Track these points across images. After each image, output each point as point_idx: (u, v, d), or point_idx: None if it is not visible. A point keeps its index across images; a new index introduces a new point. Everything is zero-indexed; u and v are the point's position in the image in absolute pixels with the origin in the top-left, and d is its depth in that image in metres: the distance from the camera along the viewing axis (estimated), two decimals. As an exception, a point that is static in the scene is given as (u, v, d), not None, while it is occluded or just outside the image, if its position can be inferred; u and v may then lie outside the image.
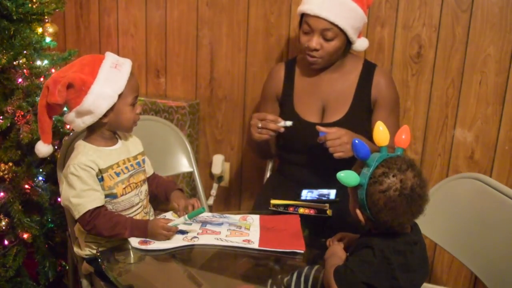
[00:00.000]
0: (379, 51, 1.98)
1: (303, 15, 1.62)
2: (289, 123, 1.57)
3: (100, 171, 1.30)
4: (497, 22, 1.81)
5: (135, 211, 1.38)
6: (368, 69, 1.70)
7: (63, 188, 1.30)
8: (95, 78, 1.25)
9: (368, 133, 1.66)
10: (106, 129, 1.33)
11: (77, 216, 1.27)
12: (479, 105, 1.90)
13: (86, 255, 1.38)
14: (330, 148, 1.48)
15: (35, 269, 1.81)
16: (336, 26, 1.56)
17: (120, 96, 1.28)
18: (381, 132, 1.06)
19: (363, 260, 1.02)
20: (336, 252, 1.14)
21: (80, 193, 1.26)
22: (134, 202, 1.37)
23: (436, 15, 1.88)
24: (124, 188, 1.34)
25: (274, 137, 1.63)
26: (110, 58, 1.31)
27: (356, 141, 1.02)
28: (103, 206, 1.30)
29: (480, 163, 1.94)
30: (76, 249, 1.42)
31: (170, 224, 1.27)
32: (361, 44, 1.69)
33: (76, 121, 1.29)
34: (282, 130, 1.57)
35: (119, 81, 1.28)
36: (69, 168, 1.28)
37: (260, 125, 1.57)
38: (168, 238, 1.26)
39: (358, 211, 1.06)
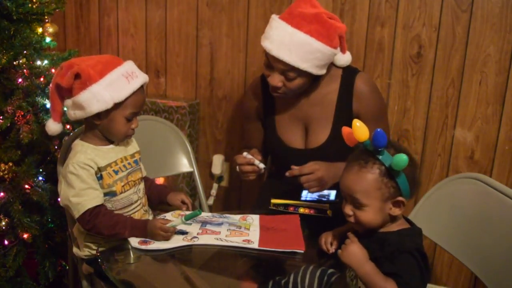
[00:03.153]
0: (379, 51, 1.98)
1: None
2: (262, 166, 1.50)
3: (99, 169, 1.30)
4: (497, 22, 1.81)
5: (134, 208, 1.39)
6: (348, 79, 1.59)
7: (62, 188, 1.30)
8: (101, 78, 1.25)
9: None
10: (98, 130, 1.34)
11: (77, 215, 1.28)
12: (479, 105, 1.90)
13: (85, 255, 1.38)
14: (304, 183, 1.44)
15: (35, 269, 1.81)
16: (298, 67, 1.44)
17: (117, 105, 1.28)
18: (359, 128, 1.10)
19: (412, 268, 1.03)
20: (357, 253, 1.08)
21: (80, 192, 1.27)
22: (133, 200, 1.38)
23: (436, 15, 1.88)
24: (123, 186, 1.35)
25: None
26: (126, 67, 1.31)
27: (378, 130, 1.04)
28: (102, 205, 1.30)
29: (480, 163, 1.94)
30: (75, 250, 1.42)
31: (168, 225, 1.27)
32: (345, 60, 1.59)
33: (70, 110, 1.31)
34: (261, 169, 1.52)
35: (122, 91, 1.27)
36: (68, 167, 1.29)
37: (238, 170, 1.51)
38: (166, 238, 1.27)
39: (401, 199, 1.08)
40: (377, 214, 1.08)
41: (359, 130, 1.10)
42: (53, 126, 1.37)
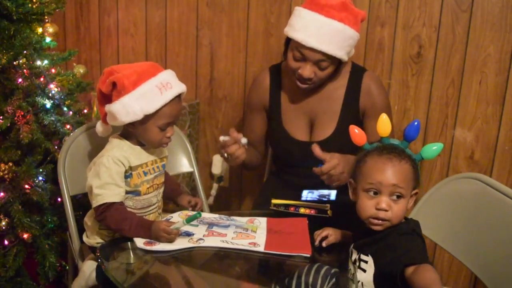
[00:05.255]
0: (379, 51, 1.98)
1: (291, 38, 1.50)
2: (244, 141, 1.47)
3: (131, 168, 1.33)
4: (497, 22, 1.81)
5: (151, 210, 1.42)
6: (356, 76, 1.63)
7: (90, 174, 1.33)
8: (133, 89, 1.26)
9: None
10: (134, 136, 1.37)
11: (94, 204, 1.30)
12: (479, 105, 1.90)
13: (97, 243, 1.39)
14: (326, 180, 1.43)
15: (35, 269, 1.81)
16: (334, 56, 1.47)
17: (149, 116, 1.29)
18: (384, 122, 1.14)
19: (413, 244, 1.05)
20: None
21: (104, 185, 1.29)
22: (152, 202, 1.41)
23: (436, 15, 1.88)
24: (148, 188, 1.38)
25: (251, 153, 1.58)
26: (162, 77, 1.31)
27: (416, 123, 1.09)
28: (120, 202, 1.32)
29: (480, 163, 1.94)
30: (86, 239, 1.44)
31: (171, 227, 1.26)
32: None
33: (107, 117, 1.33)
34: (245, 145, 1.49)
35: (153, 104, 1.28)
36: (102, 158, 1.32)
37: (225, 155, 1.49)
38: (170, 240, 1.26)
39: (417, 190, 1.12)
40: (405, 207, 1.11)
41: (385, 124, 1.14)
42: (99, 128, 1.42)
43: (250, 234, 1.36)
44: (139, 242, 1.26)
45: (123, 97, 1.26)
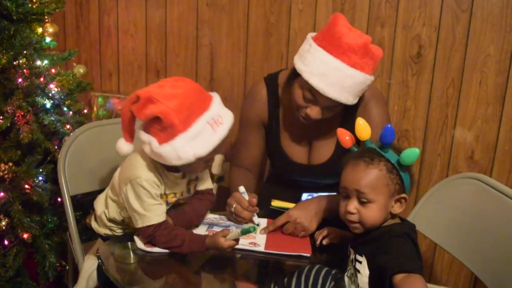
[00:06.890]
0: (379, 51, 1.98)
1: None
2: (257, 222, 1.41)
3: (160, 195, 1.28)
4: (497, 22, 1.81)
5: None
6: None
7: (130, 196, 1.23)
8: (185, 130, 1.13)
9: None
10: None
11: (140, 225, 1.24)
12: (479, 105, 1.90)
13: (105, 233, 1.38)
14: (286, 233, 1.38)
15: (35, 269, 1.81)
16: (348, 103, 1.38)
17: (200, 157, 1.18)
18: (362, 126, 1.12)
19: (404, 250, 1.03)
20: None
21: (148, 207, 1.23)
22: None
23: (436, 15, 1.88)
24: (169, 208, 1.33)
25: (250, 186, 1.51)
26: (213, 111, 1.18)
27: (389, 126, 1.06)
28: (165, 220, 1.27)
29: (480, 163, 1.94)
30: (94, 225, 1.40)
31: (228, 237, 1.19)
32: None
33: (145, 147, 1.20)
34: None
35: (207, 145, 1.17)
36: (140, 179, 1.22)
37: (233, 210, 1.40)
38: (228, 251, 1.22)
39: (404, 195, 1.09)
40: (381, 211, 1.07)
41: (363, 129, 1.12)
42: (124, 147, 1.27)
43: (250, 234, 1.36)
44: (139, 242, 1.26)
45: (173, 140, 1.13)
